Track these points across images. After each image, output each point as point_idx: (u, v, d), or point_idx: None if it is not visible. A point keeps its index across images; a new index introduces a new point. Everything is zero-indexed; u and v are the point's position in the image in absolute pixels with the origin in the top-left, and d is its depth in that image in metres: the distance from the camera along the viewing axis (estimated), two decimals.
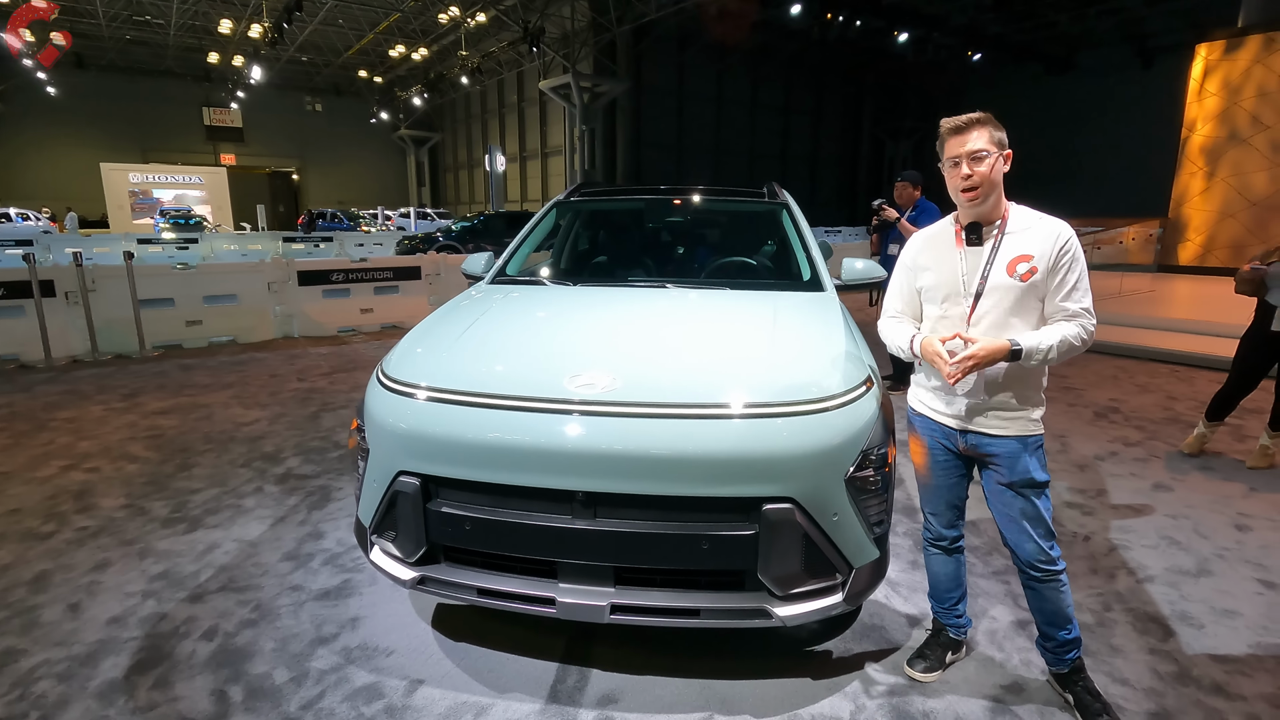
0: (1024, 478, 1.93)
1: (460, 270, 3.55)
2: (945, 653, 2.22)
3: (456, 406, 2.01)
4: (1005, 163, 1.86)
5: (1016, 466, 1.93)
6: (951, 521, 2.15)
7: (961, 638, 2.25)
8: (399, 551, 2.12)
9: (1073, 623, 2.02)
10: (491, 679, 2.17)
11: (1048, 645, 2.07)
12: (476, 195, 39.97)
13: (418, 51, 31.48)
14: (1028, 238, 1.87)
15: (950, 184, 1.90)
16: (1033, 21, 26.29)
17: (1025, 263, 1.85)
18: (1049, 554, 1.95)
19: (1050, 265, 1.84)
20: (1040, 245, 1.85)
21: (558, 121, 31.86)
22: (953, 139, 1.86)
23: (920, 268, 2.04)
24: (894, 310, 2.11)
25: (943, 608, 2.23)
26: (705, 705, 2.06)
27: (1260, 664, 2.26)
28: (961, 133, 1.85)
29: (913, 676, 2.17)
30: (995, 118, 1.87)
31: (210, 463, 4.01)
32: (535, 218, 3.61)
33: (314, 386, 5.75)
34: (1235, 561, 2.92)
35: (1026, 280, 1.85)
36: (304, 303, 8.01)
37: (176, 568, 2.84)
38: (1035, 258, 1.84)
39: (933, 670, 2.18)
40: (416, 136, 41.27)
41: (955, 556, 2.18)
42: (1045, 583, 1.98)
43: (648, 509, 1.92)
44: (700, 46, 30.24)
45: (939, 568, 2.20)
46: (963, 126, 1.85)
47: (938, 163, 1.95)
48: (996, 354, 1.82)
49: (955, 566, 2.19)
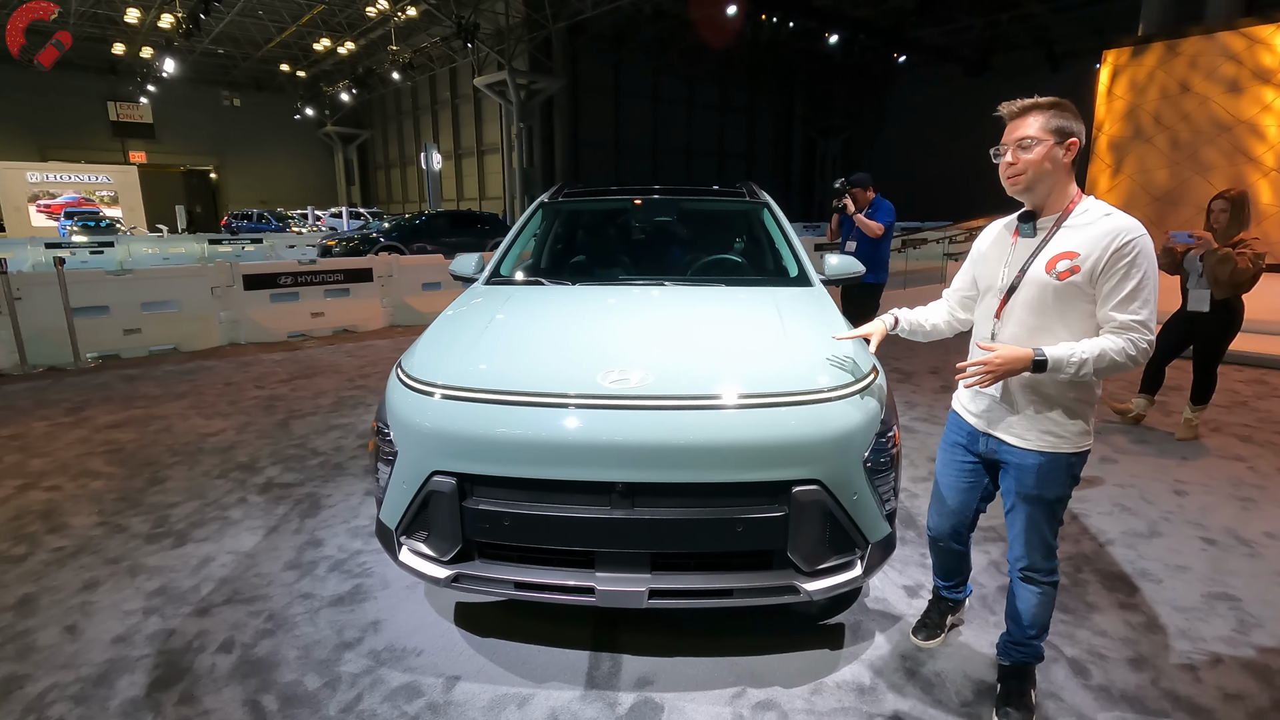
0: (1029, 492, 1.87)
1: (449, 271, 3.53)
2: (944, 618, 2.36)
3: (496, 405, 2.05)
4: (1069, 151, 1.74)
5: (1025, 480, 1.87)
6: (955, 528, 2.14)
7: (959, 598, 2.35)
8: (432, 551, 2.15)
9: (1040, 632, 1.99)
10: (527, 670, 2.22)
11: (1004, 638, 2.07)
12: (410, 194, 38.98)
13: (344, 45, 30.41)
14: (1083, 234, 1.73)
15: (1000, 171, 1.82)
16: (951, 25, 27.60)
17: (1067, 260, 1.73)
18: (1041, 564, 1.92)
19: (1100, 267, 1.69)
20: (1092, 243, 1.70)
21: (494, 118, 31.41)
22: (1008, 126, 1.80)
23: (980, 255, 2.01)
24: (951, 289, 2.14)
25: (945, 585, 2.34)
26: (736, 680, 2.17)
27: (1213, 611, 2.54)
28: (1014, 119, 1.78)
29: (917, 645, 2.32)
30: (1070, 105, 1.75)
31: (182, 475, 3.86)
32: (523, 219, 3.64)
33: (275, 394, 5.57)
34: (1179, 523, 3.24)
35: (1064, 279, 1.72)
36: (250, 307, 7.71)
37: (173, 583, 2.76)
38: (1081, 256, 1.71)
39: (933, 638, 2.32)
40: (344, 133, 39.89)
41: (957, 553, 2.23)
42: (1028, 585, 1.96)
43: (684, 497, 2.01)
44: (636, 45, 30.43)
45: (939, 559, 2.29)
46: (1016, 112, 1.78)
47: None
48: (1016, 364, 1.71)
49: (957, 560, 2.25)
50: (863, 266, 3.40)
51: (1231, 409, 5.01)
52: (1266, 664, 2.24)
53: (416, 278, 9.06)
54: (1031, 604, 1.97)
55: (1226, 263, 3.97)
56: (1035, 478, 1.86)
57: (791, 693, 2.11)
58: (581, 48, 29.08)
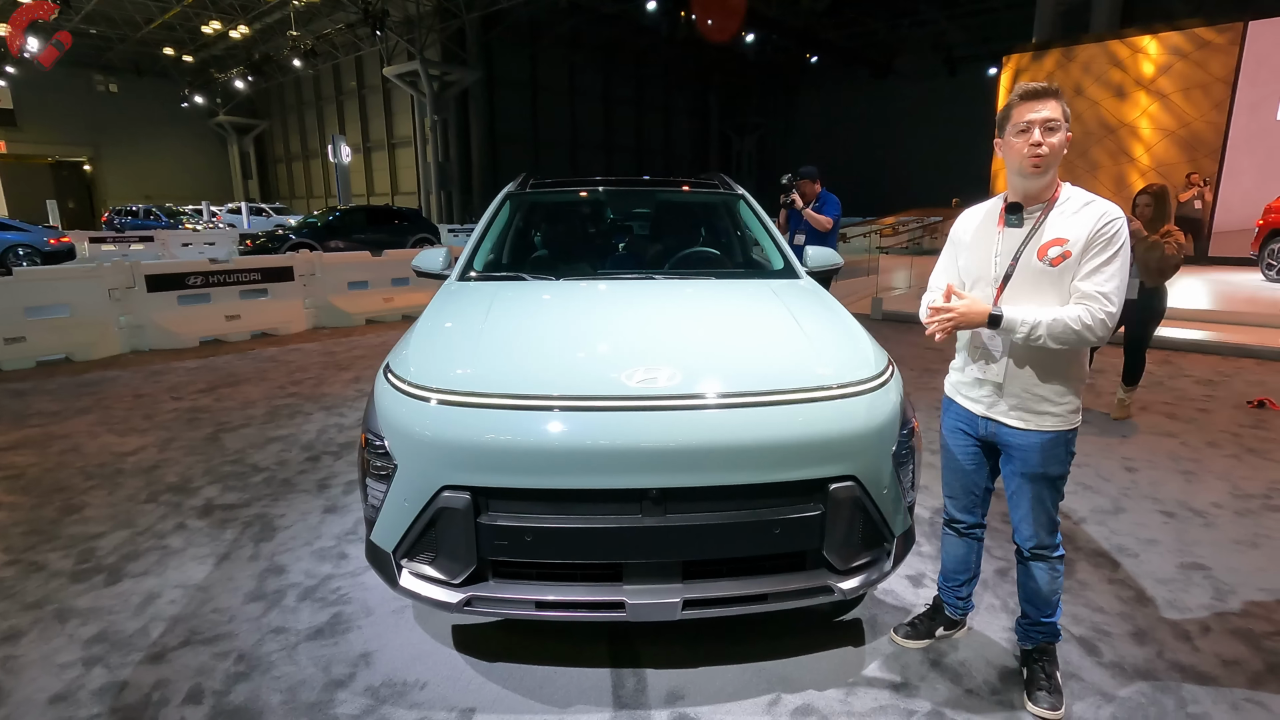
0: (1034, 471, 1.93)
1: (411, 267, 3.28)
2: (936, 627, 2.30)
3: (517, 411, 1.88)
4: (1068, 139, 1.80)
5: (1031, 460, 1.92)
6: (967, 507, 2.17)
7: (959, 617, 2.31)
8: (441, 573, 1.95)
9: (1054, 609, 2.04)
10: (547, 696, 2.06)
11: (1022, 622, 2.12)
12: (316, 189, 36.94)
13: (237, 29, 28.41)
14: (1072, 221, 1.79)
15: (1013, 152, 1.81)
16: (858, 28, 28.76)
17: (1059, 246, 1.78)
18: (1048, 540, 1.99)
19: (1084, 247, 1.76)
20: (1079, 228, 1.77)
21: (405, 110, 30.20)
22: (1022, 105, 1.78)
23: (963, 245, 2.02)
24: (935, 285, 2.10)
25: (947, 586, 2.29)
26: (769, 687, 2.09)
27: (1190, 580, 2.68)
28: (1036, 99, 1.76)
29: (896, 641, 2.27)
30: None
31: (102, 501, 3.42)
32: (490, 211, 3.42)
33: (197, 405, 5.06)
34: (1138, 498, 3.43)
35: (1057, 265, 1.79)
36: (155, 311, 7.01)
37: (114, 626, 2.41)
38: (1071, 241, 1.77)
39: (914, 638, 2.27)
40: (239, 123, 37.29)
41: (967, 540, 2.22)
42: (1035, 562, 2.02)
43: (720, 500, 1.91)
44: (552, 39, 29.99)
45: (950, 549, 2.27)
46: (1039, 92, 1.76)
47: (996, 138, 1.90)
48: (974, 317, 1.81)
49: (966, 550, 2.23)
50: (840, 258, 3.41)
51: (1151, 389, 5.39)
52: (1250, 629, 2.37)
53: (341, 276, 8.52)
54: (1045, 581, 2.02)
55: (1155, 249, 4.25)
56: (1039, 456, 1.92)
57: (826, 695, 2.06)
58: (497, 40, 28.37)
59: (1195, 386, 5.51)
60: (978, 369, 2.01)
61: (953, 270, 2.08)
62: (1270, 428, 4.47)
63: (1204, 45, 12.33)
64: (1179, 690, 2.07)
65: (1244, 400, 5.05)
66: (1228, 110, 12.27)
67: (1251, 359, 6.42)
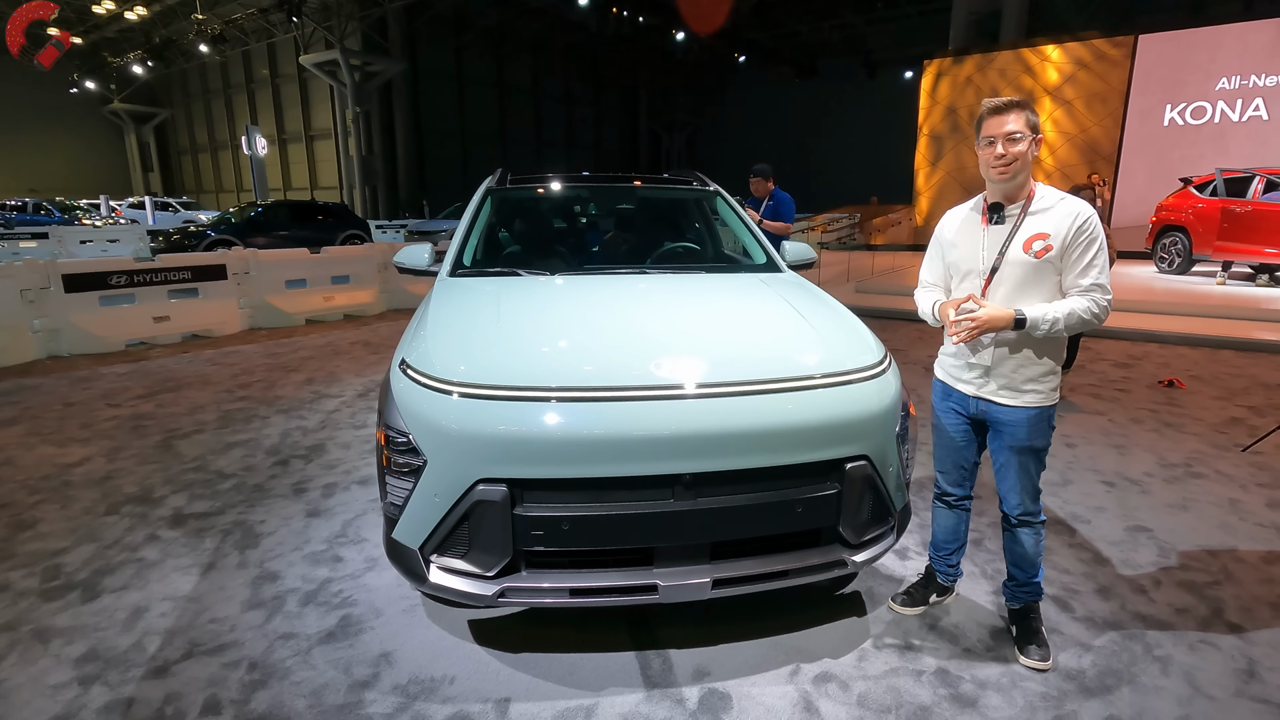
0: (1025, 444, 2.12)
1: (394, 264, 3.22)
2: (929, 594, 2.47)
3: (555, 403, 1.91)
4: (1036, 146, 2.00)
5: (1020, 434, 2.11)
6: (958, 480, 2.34)
7: (949, 584, 2.48)
8: (475, 567, 1.97)
9: (1038, 570, 2.23)
10: (578, 680, 2.11)
11: (1010, 585, 2.30)
12: (226, 182, 34.90)
13: (133, 10, 26.43)
14: (1048, 217, 2.00)
15: (983, 160, 2.04)
16: (783, 29, 29.53)
17: (1041, 240, 1.99)
18: (1032, 507, 2.19)
19: (1066, 243, 1.97)
20: (1058, 224, 1.98)
21: (324, 101, 28.95)
22: (991, 119, 1.99)
23: (948, 243, 2.20)
24: (926, 281, 2.31)
25: (938, 555, 2.46)
26: (788, 659, 2.21)
27: (1137, 541, 2.98)
28: (1000, 114, 1.98)
29: (894, 609, 2.45)
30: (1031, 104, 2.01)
31: (56, 516, 3.20)
32: (473, 207, 3.38)
33: (139, 412, 4.77)
34: (1081, 470, 3.76)
35: (1041, 257, 1.99)
36: (74, 314, 6.52)
37: (104, 643, 2.28)
38: (1051, 236, 1.98)
39: (911, 605, 2.45)
40: (137, 112, 34.71)
41: (957, 512, 2.38)
42: (1021, 528, 2.21)
43: (746, 482, 2.01)
44: (479, 30, 29.41)
45: (941, 520, 2.44)
46: (1002, 108, 1.98)
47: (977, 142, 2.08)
48: (1000, 321, 1.98)
49: (956, 521, 2.39)
50: (815, 253, 3.58)
51: (1076, 373, 5.86)
52: (1193, 580, 2.67)
53: (279, 275, 8.14)
54: (1030, 544, 2.23)
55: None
56: (1027, 430, 2.12)
57: (842, 662, 2.19)
58: (420, 30, 27.60)
59: (1113, 369, 6.03)
60: (969, 354, 2.18)
61: (939, 266, 2.29)
62: (1181, 404, 4.97)
63: (1102, 57, 13.39)
64: (1143, 637, 2.32)
65: (1155, 380, 5.57)
66: (1122, 118, 13.37)
67: (1155, 344, 7.07)
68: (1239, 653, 2.23)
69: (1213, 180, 10.05)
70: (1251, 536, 3.02)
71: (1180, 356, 6.51)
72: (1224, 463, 3.85)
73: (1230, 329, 7.24)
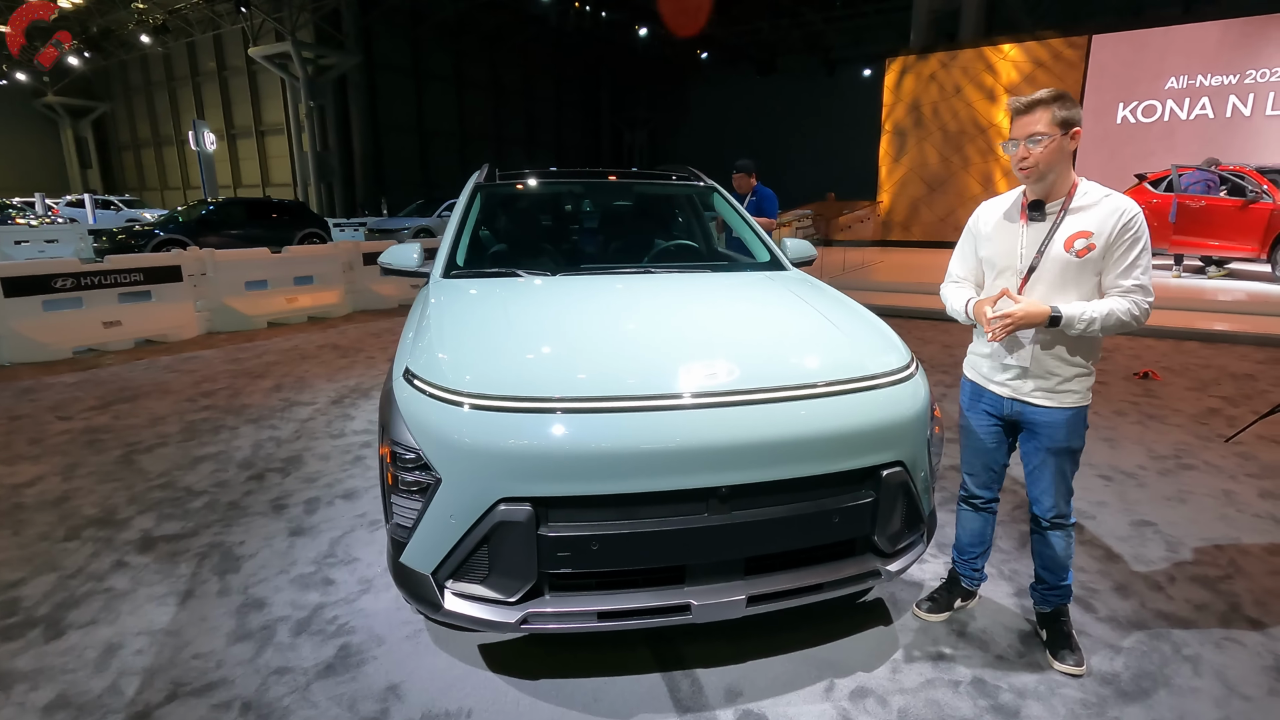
0: (1060, 445, 2.06)
1: (380, 265, 3.03)
2: (954, 599, 2.41)
3: (585, 415, 1.78)
4: (1073, 140, 1.90)
5: (1056, 435, 2.05)
6: (986, 483, 2.28)
7: (973, 588, 2.43)
8: (495, 593, 1.83)
9: (1068, 572, 2.19)
10: (605, 708, 1.98)
11: (1039, 588, 2.25)
12: (171, 179, 33.45)
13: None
14: (1091, 214, 1.92)
15: (1012, 163, 1.98)
16: (743, 26, 29.63)
17: (1084, 239, 1.91)
18: (1065, 509, 2.14)
19: (1109, 241, 1.89)
20: (1102, 222, 1.90)
21: (275, 95, 27.96)
22: (1015, 121, 1.93)
23: (984, 236, 2.12)
24: (956, 275, 2.22)
25: (962, 559, 2.40)
26: (821, 674, 2.12)
27: (1144, 536, 2.99)
28: (1022, 115, 1.91)
29: (919, 616, 2.39)
30: (1070, 95, 1.90)
31: (7, 543, 2.93)
32: (463, 205, 3.21)
33: (93, 425, 4.45)
34: None
35: (1083, 256, 1.91)
36: (15, 319, 6.08)
37: (75, 687, 2.07)
38: (1095, 234, 1.90)
39: (937, 611, 2.39)
40: (73, 105, 33.01)
41: (983, 515, 2.33)
42: (1053, 531, 2.16)
43: (782, 493, 1.91)
44: (436, 24, 28.75)
45: (967, 523, 2.38)
46: (1023, 109, 1.90)
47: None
48: (1036, 317, 1.90)
49: (982, 524, 2.34)
50: (814, 250, 3.51)
51: None
52: (1205, 574, 2.68)
53: (237, 276, 7.76)
54: (1062, 547, 2.17)
55: None
56: (1065, 431, 2.06)
57: (876, 675, 2.11)
58: (376, 23, 26.85)
59: None
60: (1005, 354, 2.11)
61: (971, 260, 2.20)
62: (1159, 395, 5.06)
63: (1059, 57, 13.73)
64: (1169, 636, 2.30)
65: (1131, 372, 5.68)
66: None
67: (1123, 335, 7.23)
68: (1264, 649, 2.23)
69: (1168, 176, 10.39)
70: (1251, 528, 3.05)
71: (1149, 348, 6.67)
72: (1210, 454, 3.91)
73: (1192, 320, 7.47)
